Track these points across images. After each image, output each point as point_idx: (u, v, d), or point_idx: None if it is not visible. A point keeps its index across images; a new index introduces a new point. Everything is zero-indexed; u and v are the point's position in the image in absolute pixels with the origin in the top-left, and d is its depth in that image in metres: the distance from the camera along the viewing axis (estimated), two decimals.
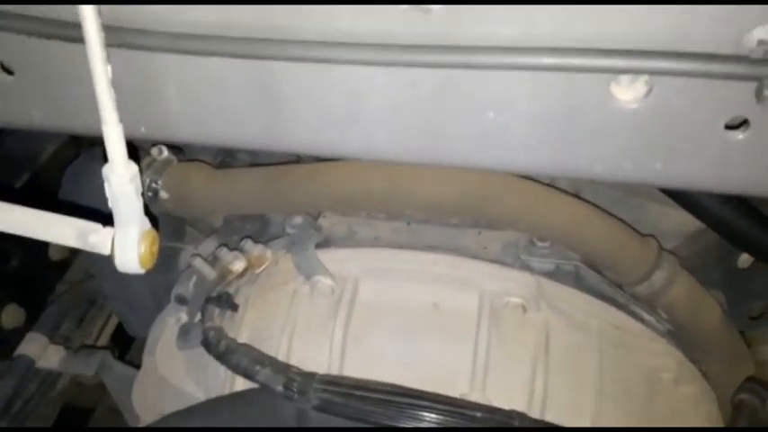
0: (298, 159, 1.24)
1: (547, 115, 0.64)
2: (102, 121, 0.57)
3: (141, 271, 0.63)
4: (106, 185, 0.61)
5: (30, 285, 1.55)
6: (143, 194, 0.64)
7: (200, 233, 1.36)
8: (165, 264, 1.30)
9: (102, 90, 0.55)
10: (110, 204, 0.62)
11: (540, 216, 1.05)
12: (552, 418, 0.98)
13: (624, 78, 0.58)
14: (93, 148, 1.26)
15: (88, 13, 0.52)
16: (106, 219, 0.68)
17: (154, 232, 0.64)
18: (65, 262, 1.64)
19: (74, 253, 1.64)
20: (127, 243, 0.62)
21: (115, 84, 0.56)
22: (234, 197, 1.16)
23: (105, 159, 0.60)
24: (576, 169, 0.67)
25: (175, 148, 1.22)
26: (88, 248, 0.63)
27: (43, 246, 1.57)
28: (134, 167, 0.61)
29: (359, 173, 1.07)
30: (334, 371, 1.03)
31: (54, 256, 1.61)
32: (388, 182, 1.05)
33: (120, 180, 0.60)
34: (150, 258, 0.63)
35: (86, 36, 0.53)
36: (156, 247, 0.64)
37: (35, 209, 0.64)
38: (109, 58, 0.54)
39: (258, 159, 1.29)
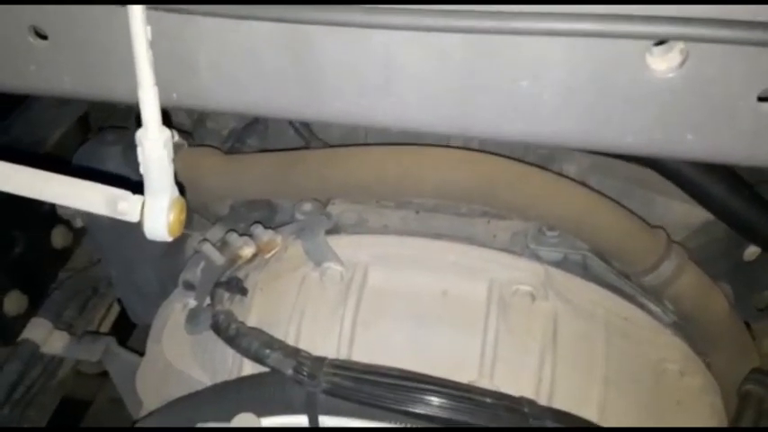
0: (307, 146, 1.24)
1: (580, 85, 0.64)
2: (138, 84, 0.57)
3: (170, 239, 0.63)
4: (138, 150, 0.61)
5: (32, 272, 1.55)
6: None
7: (206, 220, 1.36)
8: (172, 249, 1.30)
9: (141, 52, 0.55)
10: (141, 170, 0.62)
11: (550, 204, 1.05)
12: (559, 405, 0.98)
13: (659, 48, 0.59)
14: (101, 132, 1.26)
15: None
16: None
17: (183, 200, 0.64)
18: (67, 249, 1.63)
19: (76, 240, 1.63)
20: (157, 210, 0.62)
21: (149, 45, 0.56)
22: (245, 182, 1.16)
23: (138, 124, 0.59)
24: (606, 140, 0.68)
25: (185, 133, 1.22)
26: (117, 216, 0.63)
27: (46, 233, 1.56)
28: (167, 132, 0.61)
29: (371, 159, 1.07)
30: (343, 356, 1.03)
31: (57, 243, 1.60)
32: (400, 168, 1.06)
33: (154, 145, 0.60)
34: (179, 226, 0.63)
35: None
36: (184, 216, 0.64)
37: (63, 176, 0.64)
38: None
39: (268, 145, 1.29)
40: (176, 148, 1.17)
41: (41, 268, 1.59)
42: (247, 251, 1.13)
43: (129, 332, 1.77)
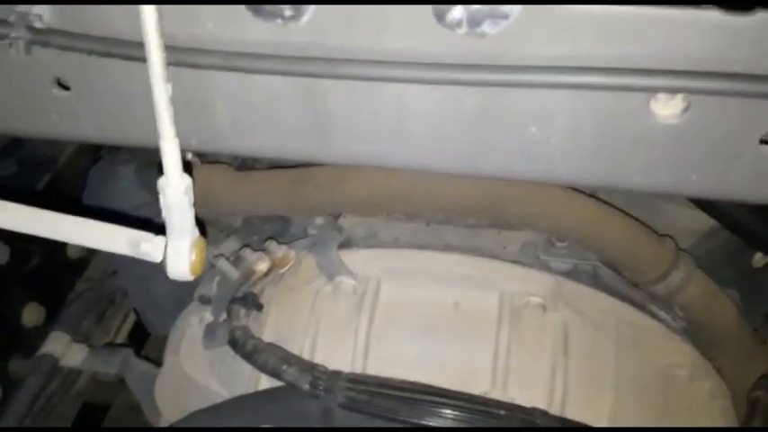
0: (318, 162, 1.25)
1: (587, 130, 0.66)
2: (159, 136, 0.59)
3: (191, 278, 0.66)
4: (161, 197, 0.63)
5: (49, 284, 1.57)
6: None
7: (220, 232, 1.38)
8: None
9: (162, 108, 0.57)
10: (163, 214, 0.65)
11: (559, 217, 1.07)
12: (571, 415, 1.00)
13: (663, 95, 0.60)
14: (115, 151, 1.28)
15: (151, 35, 0.54)
16: (131, 220, 0.71)
17: (203, 240, 0.67)
18: (83, 260, 1.66)
19: (91, 252, 1.66)
20: (179, 252, 0.64)
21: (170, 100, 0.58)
22: (258, 199, 1.17)
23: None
24: (613, 181, 0.70)
25: None
26: (141, 256, 0.65)
27: (62, 245, 1.58)
28: (188, 180, 0.63)
29: (381, 176, 1.09)
30: (358, 369, 1.05)
31: (72, 254, 1.63)
32: (410, 184, 1.07)
33: (175, 192, 0.63)
34: (200, 265, 0.65)
35: (149, 57, 0.55)
36: (204, 255, 0.66)
37: (87, 218, 0.66)
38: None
39: (279, 162, 1.30)
40: (188, 165, 1.20)
41: (58, 279, 1.61)
42: (262, 266, 1.15)
43: (144, 340, 1.79)
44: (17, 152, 1.48)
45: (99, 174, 1.26)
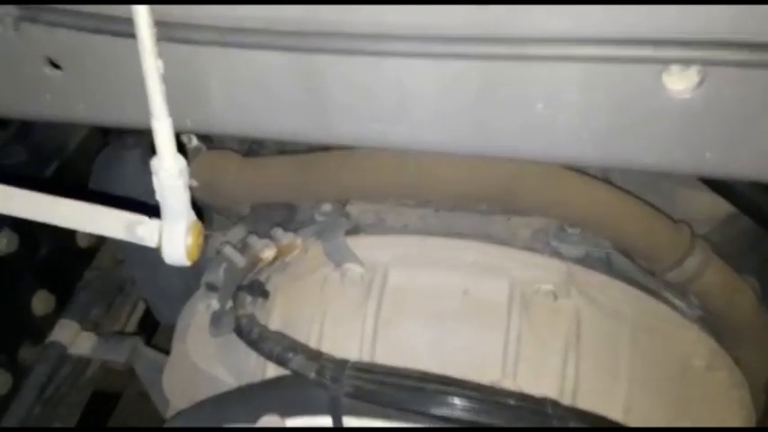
0: (326, 147, 1.24)
1: (596, 106, 0.64)
2: (151, 116, 0.57)
3: (188, 263, 0.64)
4: (154, 179, 0.62)
5: (59, 272, 1.58)
6: None
7: (226, 219, 1.37)
8: None
9: (153, 85, 0.55)
10: (157, 197, 0.63)
11: (572, 203, 1.05)
12: (584, 405, 0.98)
13: (676, 68, 0.57)
14: (122, 136, 1.27)
15: (140, 10, 0.52)
16: (138, 207, 0.70)
17: (200, 224, 0.65)
18: (92, 249, 1.66)
19: (101, 240, 1.66)
20: (174, 236, 0.63)
21: (162, 78, 0.56)
22: (264, 186, 1.16)
23: (152, 151, 0.60)
24: (625, 160, 0.67)
25: (204, 136, 1.23)
26: (136, 241, 0.64)
27: (71, 233, 1.59)
28: (182, 161, 0.62)
29: (389, 161, 1.07)
30: (366, 357, 1.04)
31: (82, 243, 1.63)
32: (419, 170, 1.05)
33: (169, 174, 0.61)
34: (197, 250, 0.64)
35: (138, 32, 0.53)
36: (201, 240, 0.65)
37: (82, 201, 0.65)
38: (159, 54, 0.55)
39: (286, 147, 1.29)
40: (195, 151, 1.19)
41: (67, 268, 1.62)
42: (268, 254, 1.14)
43: (154, 329, 1.79)
44: (26, 139, 1.48)
45: (105, 159, 1.25)
